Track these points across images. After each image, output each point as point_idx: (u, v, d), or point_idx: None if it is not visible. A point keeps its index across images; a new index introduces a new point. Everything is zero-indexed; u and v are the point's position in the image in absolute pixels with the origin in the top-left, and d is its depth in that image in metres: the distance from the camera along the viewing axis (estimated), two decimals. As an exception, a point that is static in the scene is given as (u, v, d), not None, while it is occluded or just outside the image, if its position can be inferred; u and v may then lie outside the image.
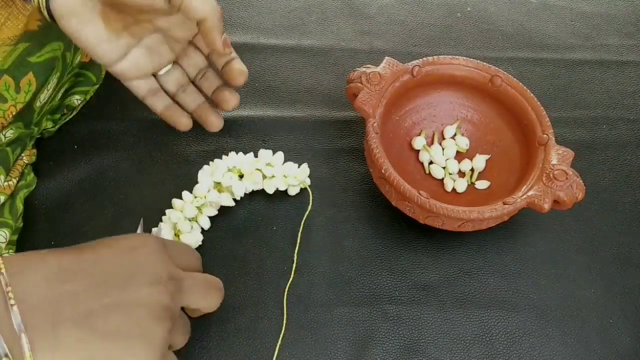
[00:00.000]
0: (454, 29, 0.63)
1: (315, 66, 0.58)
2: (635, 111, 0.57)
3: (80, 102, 0.51)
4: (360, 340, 0.41)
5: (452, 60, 0.48)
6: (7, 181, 0.44)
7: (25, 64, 0.43)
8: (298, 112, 0.54)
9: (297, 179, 0.46)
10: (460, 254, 0.46)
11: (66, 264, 0.29)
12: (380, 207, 0.48)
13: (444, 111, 0.50)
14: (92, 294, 0.29)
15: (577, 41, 0.63)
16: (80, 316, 0.28)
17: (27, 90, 0.43)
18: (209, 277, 0.36)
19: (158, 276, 0.31)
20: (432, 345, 0.42)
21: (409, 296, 0.44)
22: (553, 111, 0.49)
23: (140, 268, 0.31)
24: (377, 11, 0.64)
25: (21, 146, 0.45)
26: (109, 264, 0.30)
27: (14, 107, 0.43)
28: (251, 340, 0.41)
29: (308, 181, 0.47)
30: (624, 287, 0.45)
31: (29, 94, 0.44)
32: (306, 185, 0.47)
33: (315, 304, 0.43)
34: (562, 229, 0.48)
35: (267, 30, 0.60)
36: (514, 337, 0.42)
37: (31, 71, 0.43)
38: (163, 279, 0.31)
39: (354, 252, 0.45)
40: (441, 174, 0.48)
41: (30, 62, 0.44)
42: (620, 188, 0.51)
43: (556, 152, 0.43)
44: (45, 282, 0.28)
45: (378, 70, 0.46)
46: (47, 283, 0.28)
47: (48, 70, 0.45)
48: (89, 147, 0.49)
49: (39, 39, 0.44)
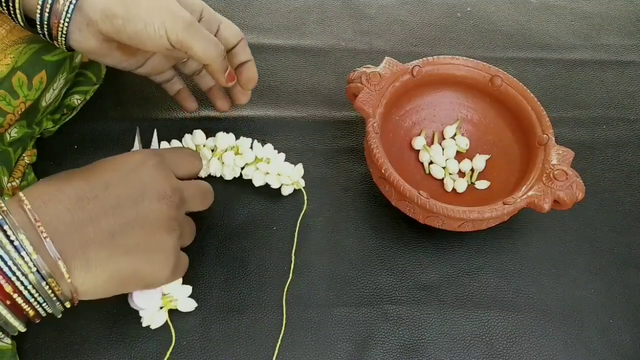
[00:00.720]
0: (454, 29, 0.63)
1: (315, 66, 0.58)
2: (634, 111, 0.57)
3: (80, 102, 0.51)
4: (360, 340, 0.41)
5: (452, 60, 0.48)
6: (10, 182, 0.44)
7: (40, 62, 0.44)
8: (298, 112, 0.54)
9: (290, 179, 0.46)
10: (460, 254, 0.46)
11: (80, 192, 0.32)
12: (380, 207, 0.48)
13: (444, 111, 0.50)
14: (110, 216, 0.33)
15: (577, 41, 0.63)
16: (103, 237, 0.32)
17: (38, 87, 0.44)
18: (201, 184, 0.41)
19: (163, 191, 0.35)
20: (432, 345, 0.42)
21: (409, 296, 0.44)
22: (553, 111, 0.49)
23: (145, 186, 0.35)
24: (377, 11, 0.64)
25: (22, 146, 0.46)
26: (118, 187, 0.34)
27: (24, 104, 0.43)
28: (251, 340, 0.41)
29: (302, 182, 0.47)
30: (624, 287, 0.45)
31: (38, 91, 0.44)
32: (300, 187, 0.47)
33: (315, 304, 0.43)
34: (562, 229, 0.48)
35: (267, 30, 0.60)
36: (514, 337, 0.42)
37: (44, 69, 0.44)
38: (167, 194, 0.35)
39: (354, 252, 0.46)
40: (441, 174, 0.48)
41: (44, 60, 0.44)
42: (620, 188, 0.51)
43: (556, 152, 0.43)
44: (68, 211, 0.31)
45: (378, 70, 0.46)
46: (69, 212, 0.31)
47: (58, 69, 0.46)
48: (89, 147, 0.49)
49: None
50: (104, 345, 0.40)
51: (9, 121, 0.43)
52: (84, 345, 0.40)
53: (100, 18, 0.37)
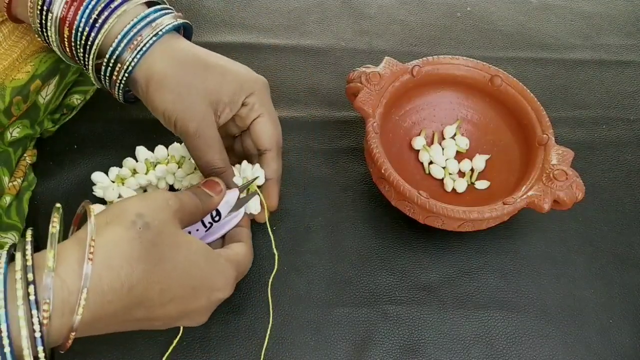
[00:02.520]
0: (454, 29, 0.63)
1: (315, 66, 0.58)
2: (634, 111, 0.57)
3: (80, 101, 0.51)
4: (360, 341, 0.41)
5: (452, 60, 0.48)
6: (11, 182, 0.44)
7: (56, 69, 0.46)
8: (298, 112, 0.54)
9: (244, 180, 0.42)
10: (460, 254, 0.46)
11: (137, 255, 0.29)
12: (380, 207, 0.48)
13: (444, 111, 0.50)
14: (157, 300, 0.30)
15: (577, 41, 0.63)
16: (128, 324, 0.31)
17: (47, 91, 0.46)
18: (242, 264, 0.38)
19: (216, 291, 0.34)
20: (432, 345, 0.42)
21: (409, 296, 0.44)
22: (553, 111, 0.49)
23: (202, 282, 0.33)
24: (377, 11, 0.64)
25: (22, 146, 0.46)
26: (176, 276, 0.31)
27: (27, 105, 0.44)
28: (251, 340, 0.41)
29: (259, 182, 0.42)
30: (624, 287, 0.45)
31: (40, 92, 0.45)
32: (255, 189, 0.42)
33: (315, 304, 0.43)
34: (562, 229, 0.48)
35: (267, 30, 0.60)
36: (514, 337, 0.42)
37: (58, 75, 0.46)
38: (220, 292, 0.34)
39: (354, 252, 0.45)
40: (441, 174, 0.48)
41: (60, 69, 0.46)
42: (620, 188, 0.51)
43: (556, 152, 0.43)
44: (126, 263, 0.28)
45: (378, 70, 0.46)
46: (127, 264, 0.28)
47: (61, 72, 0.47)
48: (89, 147, 0.49)
49: None
50: (104, 345, 0.40)
51: (10, 122, 0.43)
52: (84, 345, 0.40)
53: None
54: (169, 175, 0.45)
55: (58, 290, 0.26)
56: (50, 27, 0.38)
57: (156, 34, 0.38)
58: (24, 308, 0.25)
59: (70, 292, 0.26)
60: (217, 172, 0.40)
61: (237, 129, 0.44)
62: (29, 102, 0.44)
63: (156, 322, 0.32)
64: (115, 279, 0.28)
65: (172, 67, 0.38)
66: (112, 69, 0.38)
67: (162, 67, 0.38)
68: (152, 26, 0.38)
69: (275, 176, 0.42)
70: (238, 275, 0.36)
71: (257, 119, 0.41)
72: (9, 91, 0.42)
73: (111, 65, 0.38)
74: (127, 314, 0.29)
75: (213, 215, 0.39)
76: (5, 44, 0.43)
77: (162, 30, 0.38)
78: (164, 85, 0.38)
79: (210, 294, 0.33)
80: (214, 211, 0.39)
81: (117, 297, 0.28)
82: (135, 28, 0.37)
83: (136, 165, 0.45)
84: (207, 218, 0.39)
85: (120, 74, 0.38)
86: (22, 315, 0.25)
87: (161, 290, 0.30)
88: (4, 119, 0.42)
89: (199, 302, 0.33)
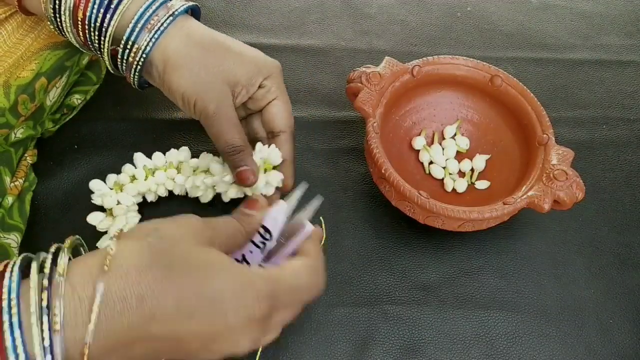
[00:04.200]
0: (454, 29, 0.63)
1: (315, 66, 0.58)
2: (634, 111, 0.57)
3: (81, 101, 0.51)
4: (360, 341, 0.41)
5: (452, 60, 0.48)
6: (13, 182, 0.44)
7: (62, 67, 0.45)
8: (298, 112, 0.53)
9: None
10: (460, 254, 0.46)
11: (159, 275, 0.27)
12: (380, 207, 0.48)
13: (444, 111, 0.50)
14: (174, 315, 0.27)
15: (577, 41, 0.63)
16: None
17: (48, 89, 0.45)
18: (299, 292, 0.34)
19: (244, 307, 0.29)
20: (432, 345, 0.42)
21: (409, 296, 0.44)
22: (553, 111, 0.49)
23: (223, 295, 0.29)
24: (377, 11, 0.64)
25: (23, 147, 0.46)
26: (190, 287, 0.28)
27: (35, 106, 0.44)
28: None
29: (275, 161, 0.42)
30: (624, 287, 0.45)
31: (47, 92, 0.45)
32: (270, 168, 0.42)
33: (315, 304, 0.43)
34: (562, 229, 0.48)
35: (267, 30, 0.60)
36: (514, 337, 0.42)
37: (65, 74, 0.45)
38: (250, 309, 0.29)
39: (354, 252, 0.45)
40: (441, 174, 0.48)
41: (66, 66, 0.46)
42: (620, 188, 0.51)
43: (556, 152, 0.43)
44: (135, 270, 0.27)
45: (378, 70, 0.46)
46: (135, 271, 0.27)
47: (71, 72, 0.47)
48: (89, 147, 0.49)
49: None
50: None
51: (19, 122, 0.43)
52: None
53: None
54: (168, 181, 0.45)
55: (69, 298, 0.26)
56: (64, 11, 0.38)
57: (172, 14, 0.38)
58: (36, 315, 0.25)
59: (82, 300, 0.26)
60: (237, 150, 0.39)
61: (244, 111, 0.44)
62: (36, 102, 0.44)
63: (186, 345, 0.28)
64: (123, 288, 0.27)
65: (189, 48, 0.38)
66: (130, 50, 0.38)
67: (179, 48, 0.38)
68: (167, 6, 0.38)
69: (290, 157, 0.43)
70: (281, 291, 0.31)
71: (272, 101, 0.42)
72: (14, 89, 0.42)
73: (129, 48, 0.38)
74: (143, 330, 0.27)
75: (262, 233, 0.35)
76: (10, 42, 0.42)
77: (178, 10, 0.38)
78: (182, 66, 0.38)
79: (238, 310, 0.29)
80: (262, 229, 0.35)
81: (127, 306, 0.26)
82: (151, 9, 0.37)
83: (135, 171, 0.45)
84: (257, 238, 0.35)
85: (137, 55, 0.38)
86: (34, 322, 0.24)
87: (176, 303, 0.27)
88: (11, 119, 0.42)
89: (227, 320, 0.28)
